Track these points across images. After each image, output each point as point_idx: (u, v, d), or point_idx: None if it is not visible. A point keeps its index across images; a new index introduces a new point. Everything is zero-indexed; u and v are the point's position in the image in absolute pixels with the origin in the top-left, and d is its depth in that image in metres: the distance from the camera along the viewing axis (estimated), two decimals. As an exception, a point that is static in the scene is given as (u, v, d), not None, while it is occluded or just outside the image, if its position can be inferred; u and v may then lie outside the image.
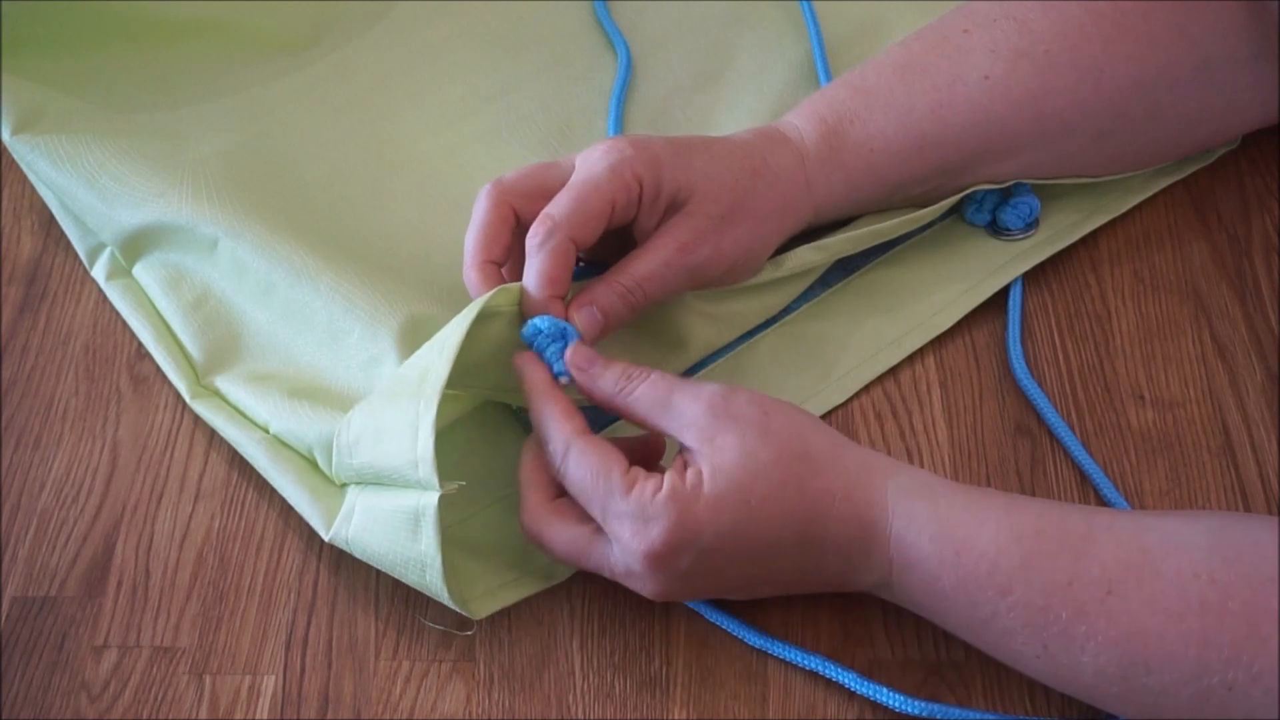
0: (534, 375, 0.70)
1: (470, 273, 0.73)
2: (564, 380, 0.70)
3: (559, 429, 0.68)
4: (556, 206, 0.71)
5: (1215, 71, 0.82)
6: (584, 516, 0.68)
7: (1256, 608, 0.61)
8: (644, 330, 0.78)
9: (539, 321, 0.70)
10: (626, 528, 0.65)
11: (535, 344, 0.70)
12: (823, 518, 0.66)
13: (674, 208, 0.74)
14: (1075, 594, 0.63)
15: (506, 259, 0.73)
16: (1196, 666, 0.61)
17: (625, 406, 0.69)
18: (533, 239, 0.71)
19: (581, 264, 0.77)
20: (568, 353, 0.70)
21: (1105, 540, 0.64)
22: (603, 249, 0.74)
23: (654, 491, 0.65)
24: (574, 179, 0.73)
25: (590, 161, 0.73)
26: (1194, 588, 0.61)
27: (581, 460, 0.67)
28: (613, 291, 0.72)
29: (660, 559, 0.65)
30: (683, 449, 0.67)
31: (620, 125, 0.90)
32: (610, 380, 0.69)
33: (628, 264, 0.73)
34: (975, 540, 0.64)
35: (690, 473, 0.66)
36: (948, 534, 0.65)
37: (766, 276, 0.78)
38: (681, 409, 0.67)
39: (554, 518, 0.68)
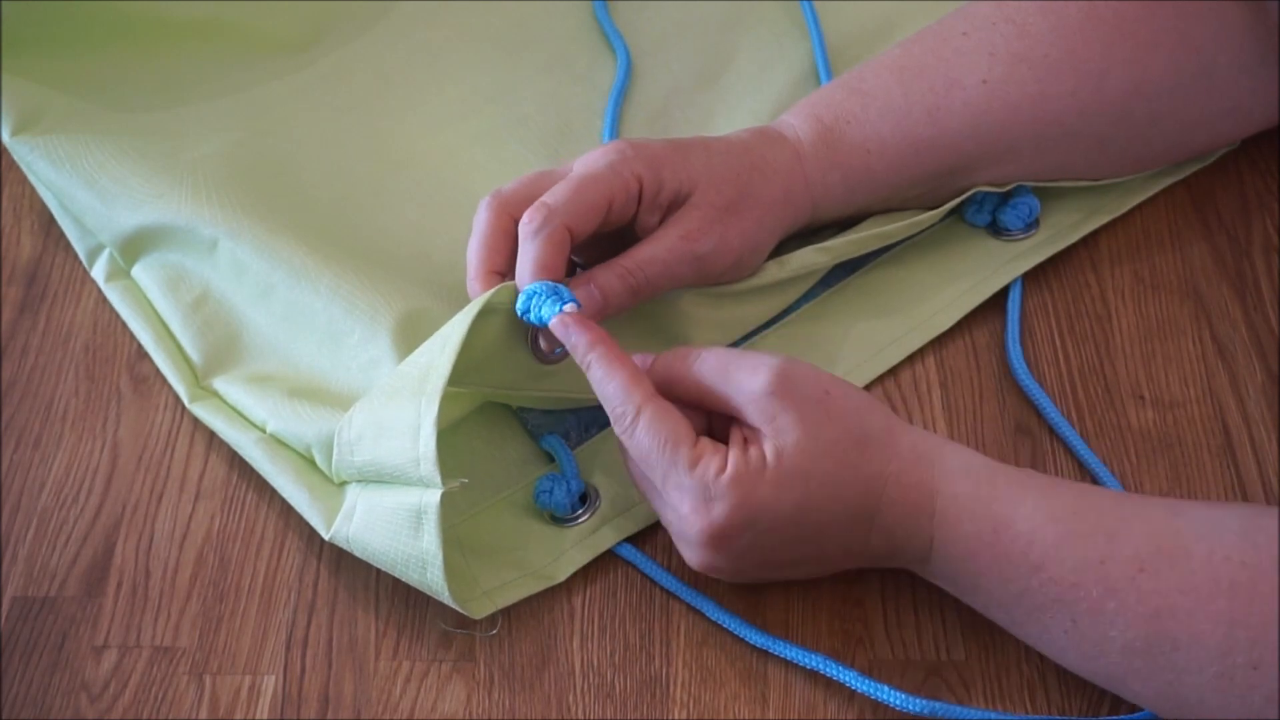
0: (586, 336, 0.68)
1: (474, 284, 0.72)
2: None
3: (629, 394, 0.67)
4: (552, 195, 0.71)
5: (1216, 77, 0.81)
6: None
7: None
8: (646, 335, 0.78)
9: (533, 285, 0.69)
10: (687, 502, 0.66)
11: (530, 306, 0.69)
12: (875, 500, 0.67)
13: (676, 204, 0.74)
14: (1107, 571, 0.64)
15: (509, 269, 0.73)
16: (1224, 644, 0.61)
17: (686, 373, 0.69)
18: (527, 226, 0.71)
19: (578, 265, 0.77)
20: (568, 308, 0.69)
21: (1138, 521, 0.65)
22: (599, 257, 0.74)
23: (718, 471, 0.66)
24: (573, 173, 0.73)
25: (590, 159, 0.73)
26: (1224, 570, 0.62)
27: (652, 428, 0.67)
28: (612, 272, 0.72)
29: (719, 538, 0.66)
30: (742, 423, 0.68)
31: (616, 128, 0.90)
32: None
33: (630, 250, 0.73)
34: (1013, 520, 0.66)
35: (753, 452, 0.66)
36: (987, 514, 0.66)
37: (770, 278, 0.78)
38: (740, 382, 0.67)
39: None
